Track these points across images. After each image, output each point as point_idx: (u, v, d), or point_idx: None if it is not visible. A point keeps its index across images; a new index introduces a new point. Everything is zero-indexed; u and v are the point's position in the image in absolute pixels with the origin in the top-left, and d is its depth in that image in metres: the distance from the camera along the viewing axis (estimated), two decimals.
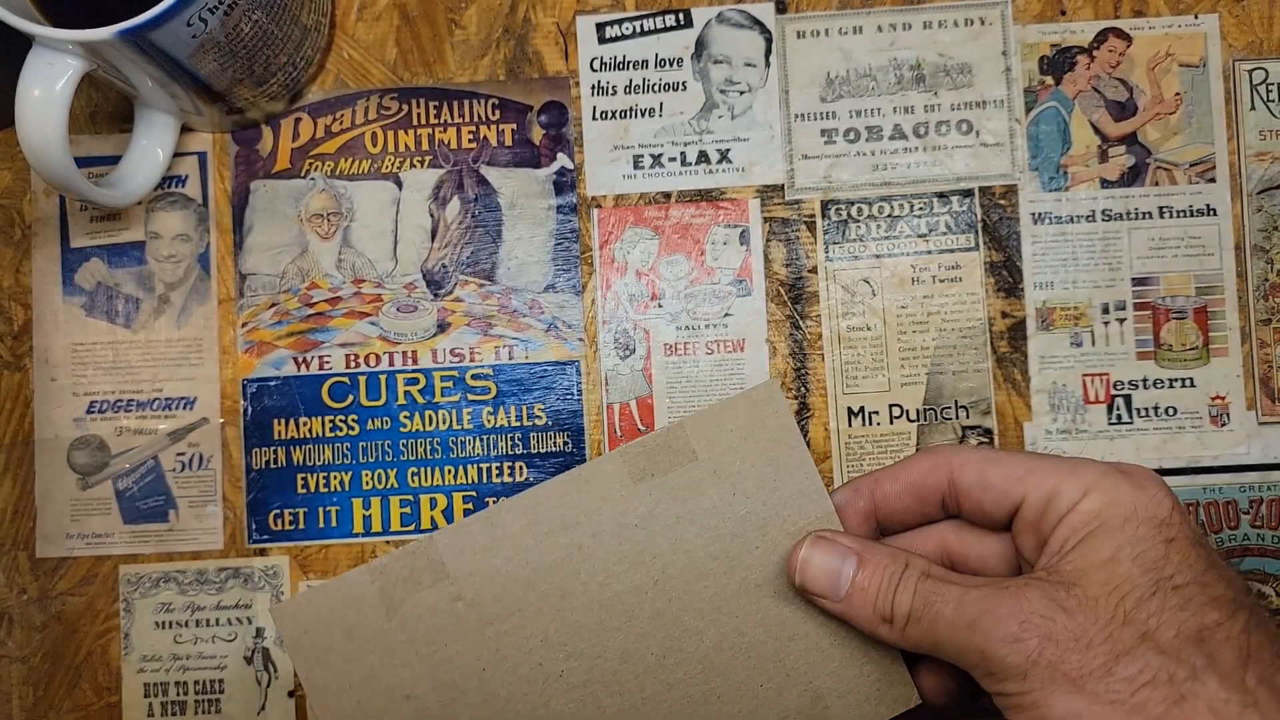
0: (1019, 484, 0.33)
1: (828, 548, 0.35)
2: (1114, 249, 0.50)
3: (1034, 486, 0.33)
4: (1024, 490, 0.33)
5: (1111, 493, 0.32)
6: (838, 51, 0.51)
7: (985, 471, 0.34)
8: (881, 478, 0.37)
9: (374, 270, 0.50)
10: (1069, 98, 0.50)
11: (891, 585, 0.33)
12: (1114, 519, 0.31)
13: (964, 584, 0.32)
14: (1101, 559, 0.31)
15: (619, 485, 0.35)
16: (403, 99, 0.51)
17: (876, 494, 0.36)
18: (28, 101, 0.40)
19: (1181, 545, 0.31)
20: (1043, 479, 0.33)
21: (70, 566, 0.50)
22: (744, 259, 0.50)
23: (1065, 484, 0.32)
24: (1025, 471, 0.33)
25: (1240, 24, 0.50)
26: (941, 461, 0.35)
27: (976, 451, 0.35)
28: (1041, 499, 0.33)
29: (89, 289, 0.51)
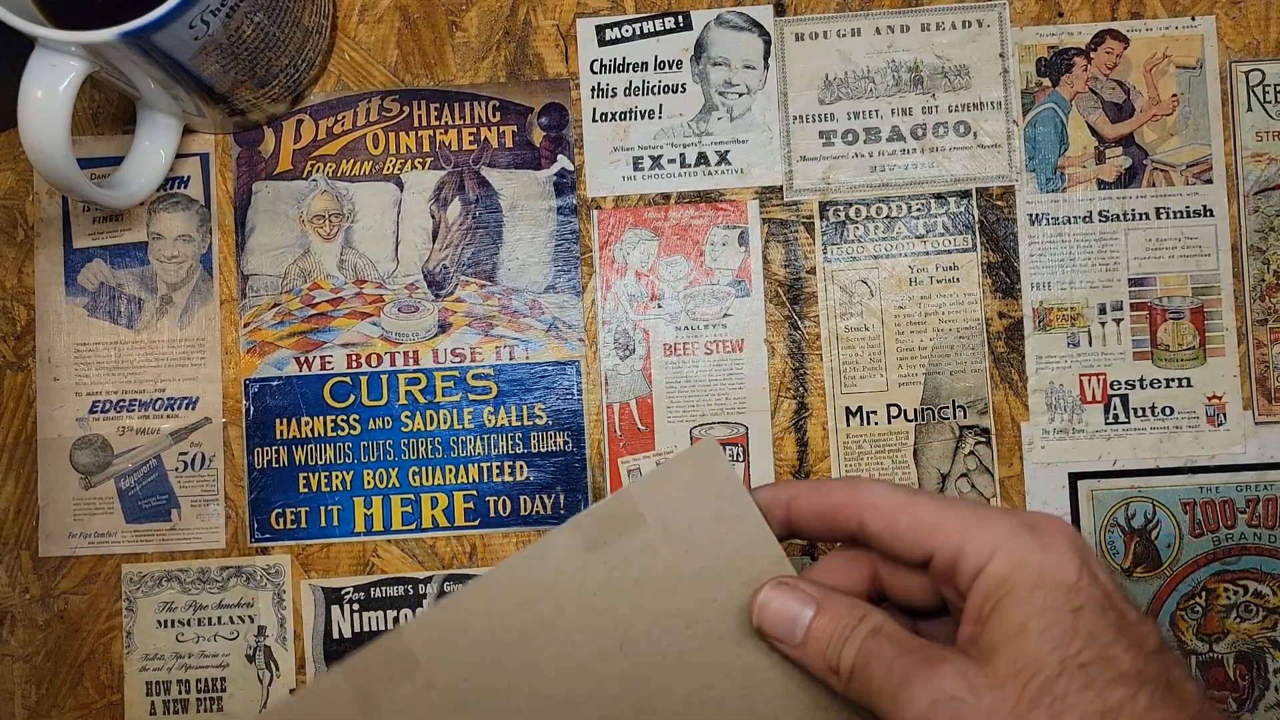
0: (927, 538, 0.33)
1: (788, 593, 0.35)
2: (1111, 250, 0.50)
3: (942, 543, 0.32)
4: (932, 546, 0.33)
5: (1018, 554, 0.31)
6: (836, 54, 0.51)
7: (895, 520, 0.34)
8: (799, 495, 0.36)
9: (375, 271, 0.51)
10: (1066, 99, 0.50)
11: (841, 637, 0.33)
12: (1022, 585, 0.31)
13: (900, 648, 0.32)
14: (1011, 630, 0.30)
15: (573, 556, 0.35)
16: (404, 101, 0.51)
17: (792, 508, 0.36)
18: (30, 103, 0.40)
19: (1089, 615, 0.30)
20: (950, 535, 0.32)
21: (73, 565, 0.50)
22: (743, 260, 0.50)
23: (972, 543, 0.32)
24: (934, 524, 0.33)
25: (1237, 26, 0.51)
26: (854, 502, 0.35)
27: (890, 494, 0.34)
28: (949, 558, 0.32)
29: (91, 289, 0.51)
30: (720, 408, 0.50)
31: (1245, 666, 0.49)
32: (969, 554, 0.32)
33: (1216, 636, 0.49)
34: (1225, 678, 0.49)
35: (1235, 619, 0.49)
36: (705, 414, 0.50)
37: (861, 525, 0.34)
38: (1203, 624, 0.49)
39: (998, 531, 0.32)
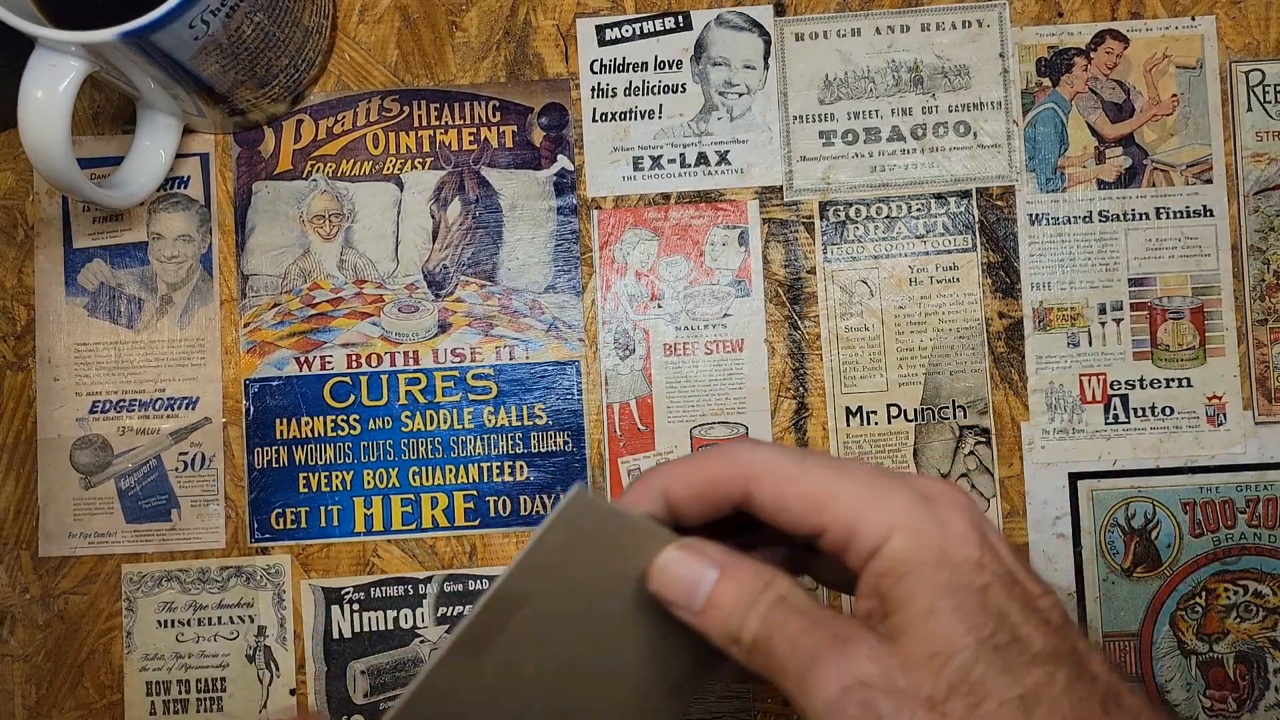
0: (817, 514, 0.30)
1: (689, 555, 0.32)
2: (1111, 250, 0.50)
3: (833, 520, 0.30)
4: (823, 522, 0.30)
5: (917, 532, 0.29)
6: (836, 54, 0.51)
7: (783, 493, 0.31)
8: (672, 478, 0.33)
9: (375, 271, 0.51)
10: (1066, 99, 0.50)
11: (744, 606, 0.31)
12: (925, 564, 0.29)
13: (807, 621, 0.30)
14: (919, 612, 0.28)
15: (467, 673, 0.31)
16: (404, 101, 0.51)
17: (669, 496, 0.33)
18: (30, 103, 0.40)
19: (996, 593, 0.29)
20: (842, 511, 0.30)
21: (73, 565, 0.50)
22: (743, 260, 0.50)
23: (867, 518, 0.29)
24: (826, 497, 0.30)
25: (1237, 26, 0.51)
26: (735, 473, 0.32)
27: (775, 461, 0.31)
28: (842, 535, 0.30)
29: (92, 289, 0.51)
30: (720, 408, 0.50)
31: (1245, 666, 0.49)
32: (864, 532, 0.29)
33: (1216, 636, 0.49)
34: (1225, 678, 0.49)
35: (1235, 619, 0.49)
36: (705, 414, 0.50)
37: (747, 497, 0.32)
38: (1203, 624, 0.49)
39: (894, 506, 0.30)
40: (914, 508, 0.30)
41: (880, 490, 0.30)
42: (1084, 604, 0.49)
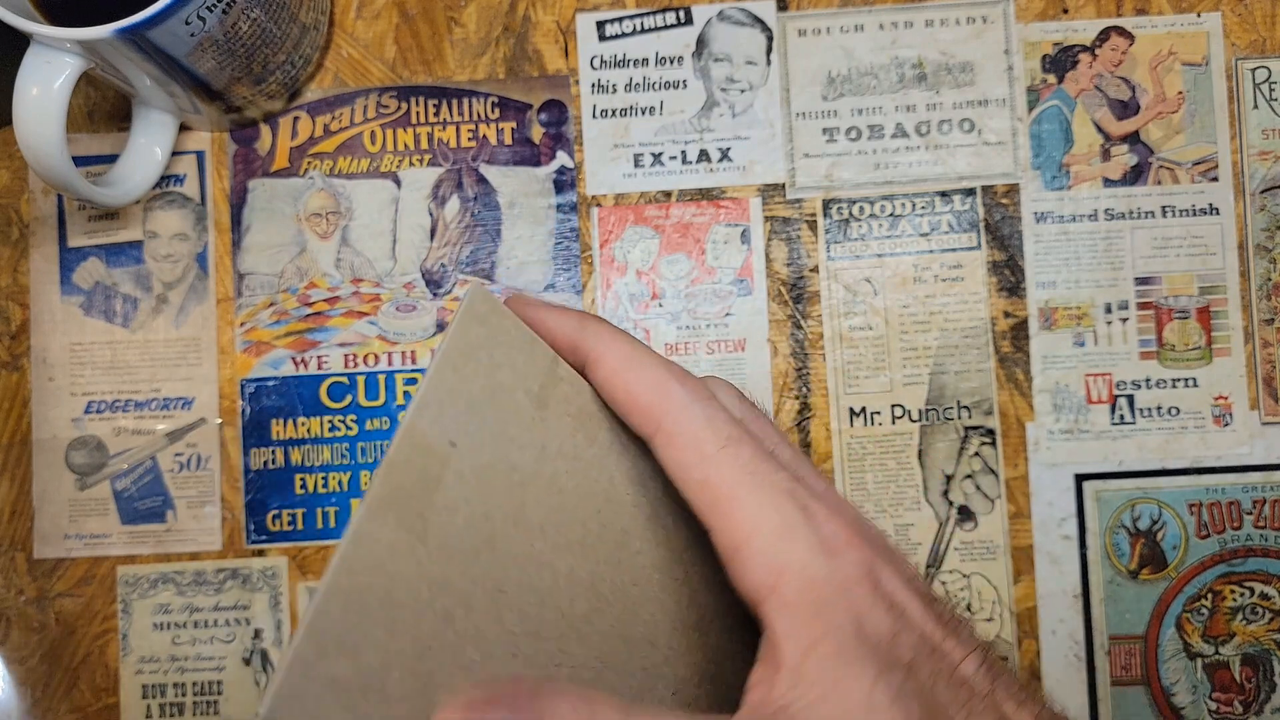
0: (710, 508, 0.27)
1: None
2: (1116, 248, 0.50)
3: (723, 528, 0.27)
4: (711, 521, 0.27)
5: (814, 593, 0.26)
6: (839, 50, 0.50)
7: (673, 458, 0.28)
8: (534, 319, 0.30)
9: (373, 270, 0.50)
10: (1071, 96, 0.50)
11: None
12: (826, 641, 0.25)
13: None
14: (816, 697, 0.24)
15: (406, 553, 0.25)
16: (402, 97, 0.51)
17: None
18: (26, 100, 0.40)
19: (921, 671, 0.26)
20: (740, 524, 0.26)
21: (68, 567, 0.50)
22: (745, 258, 0.50)
23: (762, 549, 0.26)
24: (726, 500, 0.27)
25: (1243, 22, 0.50)
26: (580, 353, 0.29)
27: (621, 366, 0.28)
28: (729, 544, 0.27)
29: (87, 288, 0.50)
30: None
31: (1252, 669, 0.49)
32: (755, 560, 0.26)
33: (1223, 639, 0.49)
34: (1231, 680, 0.49)
35: (1242, 621, 0.49)
36: None
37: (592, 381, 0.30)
38: (1209, 626, 0.49)
39: (795, 552, 0.26)
40: (813, 559, 0.26)
41: (786, 522, 0.26)
42: (1089, 607, 0.49)
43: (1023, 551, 0.49)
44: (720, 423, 0.27)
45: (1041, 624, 0.49)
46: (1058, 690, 0.49)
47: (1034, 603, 0.49)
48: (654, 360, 0.28)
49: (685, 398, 0.28)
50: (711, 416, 0.27)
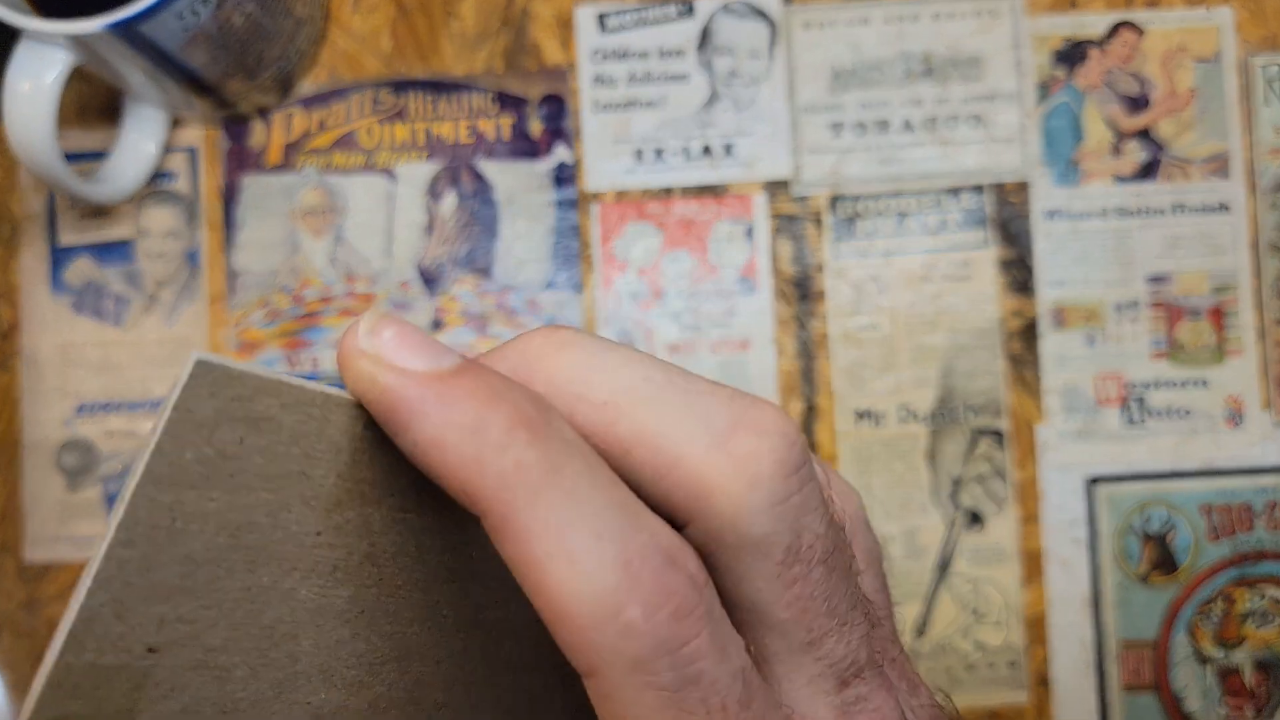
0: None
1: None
2: (1127, 246, 0.49)
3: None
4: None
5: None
6: (845, 43, 0.50)
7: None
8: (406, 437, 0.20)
9: (368, 267, 0.50)
10: (1081, 92, 0.50)
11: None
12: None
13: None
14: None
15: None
16: (398, 92, 0.50)
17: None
18: (16, 96, 0.40)
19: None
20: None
21: (59, 571, 0.49)
22: (749, 256, 0.49)
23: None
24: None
25: (1255, 18, 0.50)
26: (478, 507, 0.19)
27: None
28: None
29: (77, 287, 0.50)
30: None
31: (1263, 674, 0.49)
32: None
33: (1234, 643, 0.49)
34: (1241, 685, 0.49)
35: (1253, 625, 0.49)
36: None
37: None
38: (1221, 631, 0.49)
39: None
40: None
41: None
42: (1100, 611, 0.48)
43: (1032, 555, 0.49)
44: (694, 701, 0.19)
45: (1051, 629, 0.48)
46: (1067, 697, 0.48)
47: (1043, 608, 0.48)
48: (603, 552, 0.18)
49: (646, 647, 0.18)
50: (682, 699, 0.19)
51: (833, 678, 0.21)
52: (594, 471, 0.19)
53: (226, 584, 0.19)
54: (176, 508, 0.18)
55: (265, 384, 0.19)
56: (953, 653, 0.48)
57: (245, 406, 0.19)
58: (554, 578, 0.18)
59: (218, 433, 0.18)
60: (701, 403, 0.20)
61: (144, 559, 0.18)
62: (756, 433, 0.20)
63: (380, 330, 0.19)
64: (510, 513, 0.18)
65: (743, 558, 0.20)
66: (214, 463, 0.18)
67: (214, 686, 0.19)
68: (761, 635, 0.21)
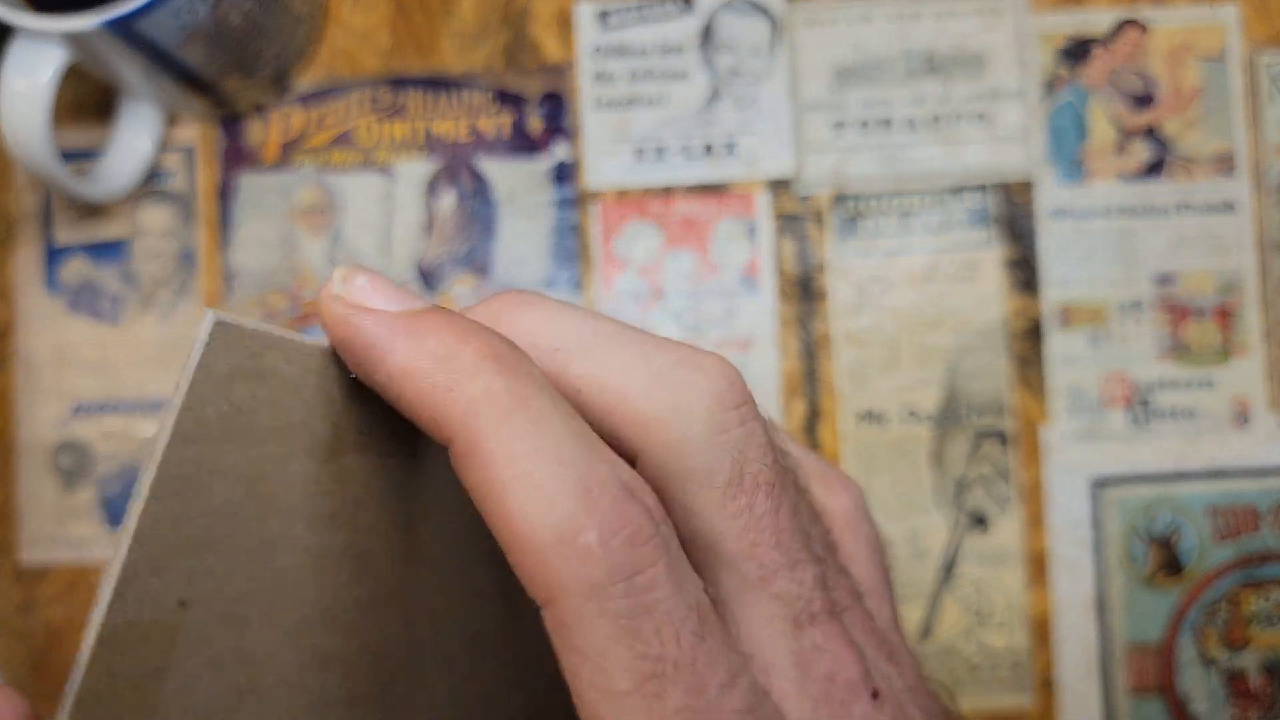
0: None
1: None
2: (1132, 245, 0.49)
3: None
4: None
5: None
6: (848, 41, 0.50)
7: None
8: (370, 368, 0.21)
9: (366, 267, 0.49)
10: (1085, 90, 0.49)
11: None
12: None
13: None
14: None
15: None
16: (396, 89, 0.50)
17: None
18: (11, 95, 0.40)
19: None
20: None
21: (55, 573, 0.49)
22: (751, 255, 0.49)
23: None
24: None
25: (1260, 15, 0.50)
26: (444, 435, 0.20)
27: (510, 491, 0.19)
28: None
29: (73, 287, 0.50)
30: None
31: (1270, 676, 0.48)
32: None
33: (1240, 646, 0.48)
34: (1248, 688, 0.48)
35: (1260, 627, 0.48)
36: None
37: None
38: (1227, 633, 0.48)
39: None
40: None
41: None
42: (1105, 614, 0.48)
43: (1036, 557, 0.48)
44: (649, 630, 0.19)
45: (1056, 632, 0.48)
46: (1072, 700, 0.48)
47: (1048, 610, 0.48)
48: (564, 478, 0.19)
49: (601, 571, 0.19)
50: (637, 627, 0.19)
51: (788, 618, 0.21)
52: (557, 404, 0.19)
53: (243, 535, 0.20)
54: (202, 462, 0.19)
55: (272, 340, 0.20)
56: (956, 655, 0.48)
57: (256, 362, 0.20)
58: (516, 502, 0.18)
59: (234, 388, 0.19)
60: (647, 348, 0.22)
61: (174, 513, 0.19)
62: (695, 370, 0.21)
63: (353, 278, 0.21)
64: (477, 438, 0.19)
65: (688, 488, 0.21)
66: (231, 417, 0.19)
67: (235, 637, 0.20)
68: (716, 572, 0.21)
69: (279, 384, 0.20)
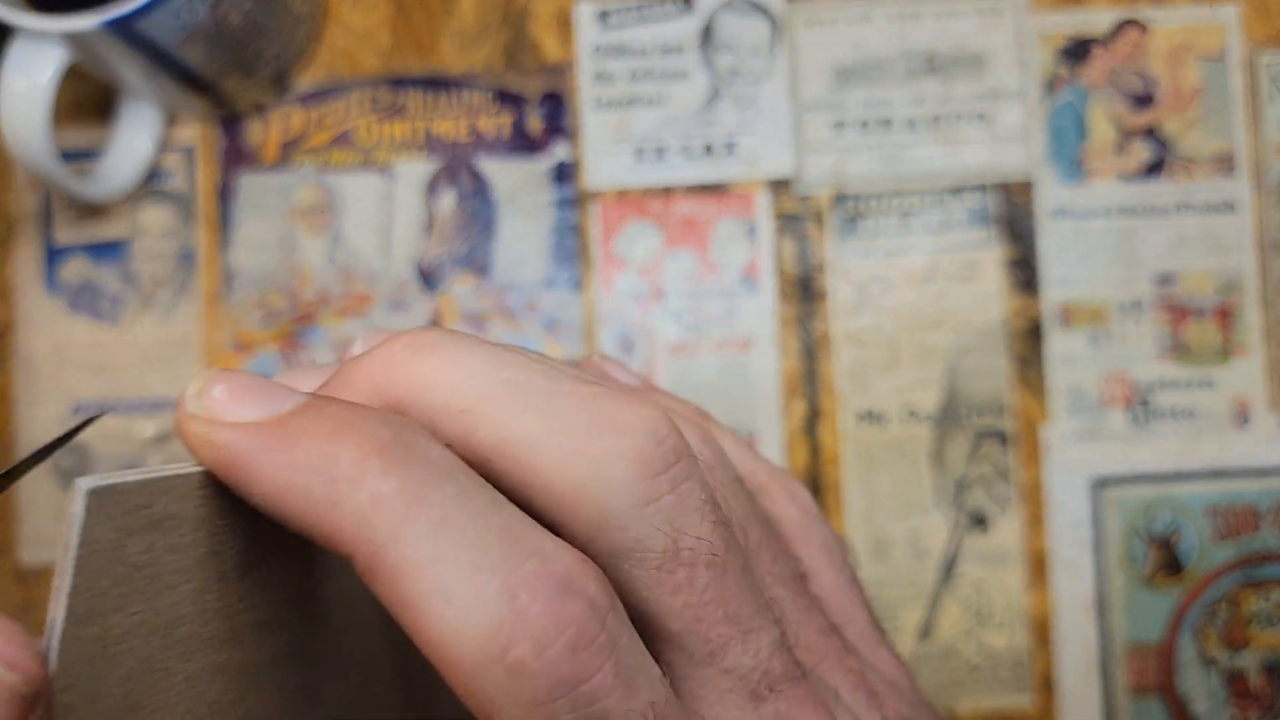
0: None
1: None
2: (1132, 245, 0.49)
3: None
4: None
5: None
6: (848, 41, 0.50)
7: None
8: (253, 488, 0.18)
9: (366, 267, 0.49)
10: (1085, 89, 0.49)
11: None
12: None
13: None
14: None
15: None
16: (396, 89, 0.50)
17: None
18: (11, 95, 0.40)
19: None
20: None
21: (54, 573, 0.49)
22: (751, 255, 0.49)
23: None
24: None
25: (1260, 15, 0.50)
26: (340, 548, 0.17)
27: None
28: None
29: (73, 287, 0.50)
30: (727, 411, 0.49)
31: (1270, 677, 0.48)
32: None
33: (1241, 646, 0.48)
34: (1248, 688, 0.48)
35: (1260, 627, 0.48)
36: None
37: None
38: (1226, 633, 0.48)
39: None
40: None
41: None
42: (1105, 614, 0.48)
43: (1036, 557, 0.48)
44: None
45: (1056, 632, 0.48)
46: (1072, 700, 0.48)
47: (1048, 610, 0.48)
48: (482, 585, 0.17)
49: (541, 687, 0.17)
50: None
51: (744, 692, 0.20)
52: (466, 495, 0.17)
53: (167, 682, 0.18)
54: (105, 635, 0.17)
55: (157, 485, 0.18)
56: (956, 655, 0.48)
57: (145, 514, 0.18)
58: (431, 618, 0.16)
59: (126, 549, 0.18)
60: (561, 404, 0.19)
61: (86, 695, 0.17)
62: (615, 432, 0.19)
63: (208, 390, 0.18)
64: (375, 552, 0.17)
65: (619, 566, 0.19)
66: (130, 579, 0.18)
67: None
68: (661, 650, 0.20)
69: (175, 525, 0.18)
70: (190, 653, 0.19)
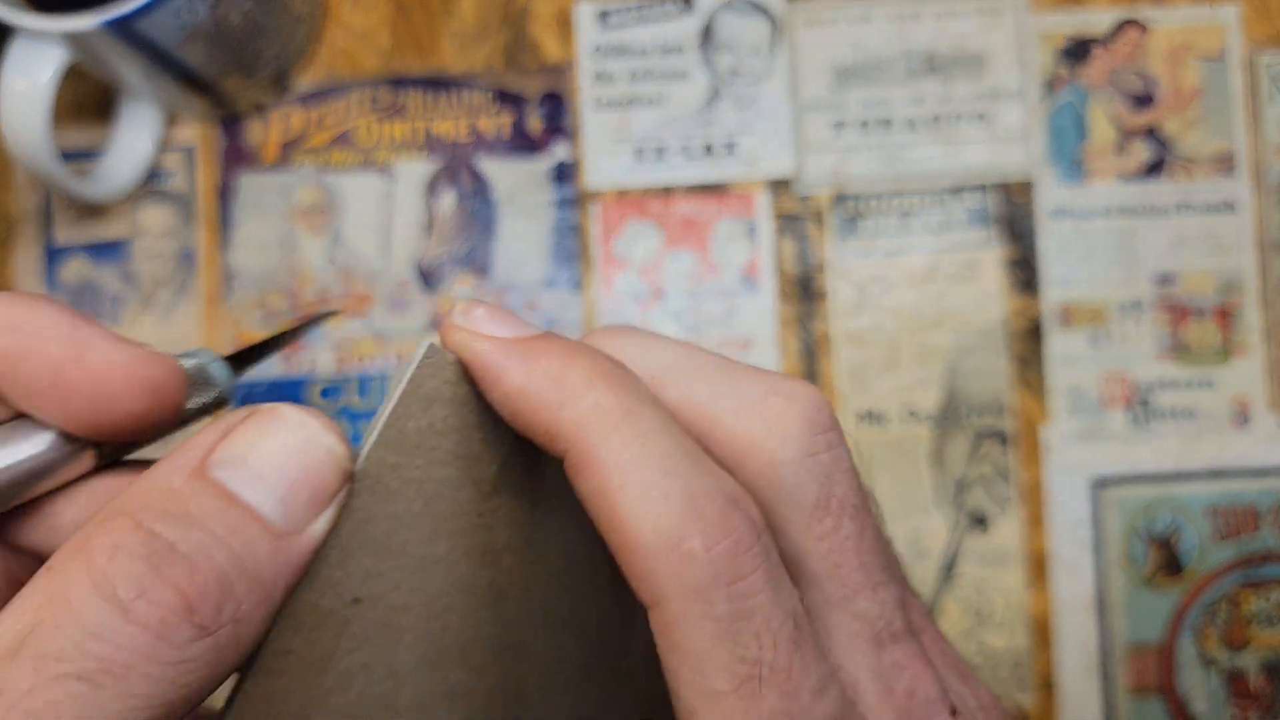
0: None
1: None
2: (1132, 245, 0.49)
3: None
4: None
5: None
6: (848, 41, 0.50)
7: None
8: (495, 389, 0.22)
9: (366, 267, 0.49)
10: (1086, 90, 0.49)
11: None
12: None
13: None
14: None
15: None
16: (396, 89, 0.50)
17: None
18: (11, 95, 0.40)
19: None
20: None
21: None
22: (751, 255, 0.49)
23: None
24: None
25: (1260, 15, 0.50)
26: (559, 446, 0.21)
27: (620, 496, 0.20)
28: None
29: (73, 287, 0.49)
30: None
31: (1270, 677, 0.48)
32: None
33: (1241, 646, 0.48)
34: (1248, 688, 0.48)
35: (1260, 627, 0.48)
36: None
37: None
38: (1226, 633, 0.48)
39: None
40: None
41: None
42: (1105, 614, 0.48)
43: (1036, 557, 0.48)
44: (748, 634, 0.20)
45: (1056, 632, 0.48)
46: (1072, 700, 0.48)
47: (1048, 610, 0.48)
48: (670, 487, 0.20)
49: (705, 576, 0.19)
50: (737, 631, 0.20)
51: (869, 637, 0.22)
52: (664, 418, 0.21)
53: (413, 549, 0.21)
54: (396, 469, 0.21)
55: (467, 374, 0.22)
56: None
57: (454, 389, 0.22)
58: (625, 508, 0.19)
59: (433, 408, 0.21)
60: (738, 375, 0.23)
61: (366, 512, 0.20)
62: (786, 396, 0.22)
63: (472, 310, 0.23)
64: (589, 449, 0.20)
65: (777, 509, 0.22)
66: (425, 434, 0.21)
67: (388, 648, 0.21)
68: (802, 589, 0.22)
69: (466, 415, 0.22)
70: (435, 534, 0.21)
